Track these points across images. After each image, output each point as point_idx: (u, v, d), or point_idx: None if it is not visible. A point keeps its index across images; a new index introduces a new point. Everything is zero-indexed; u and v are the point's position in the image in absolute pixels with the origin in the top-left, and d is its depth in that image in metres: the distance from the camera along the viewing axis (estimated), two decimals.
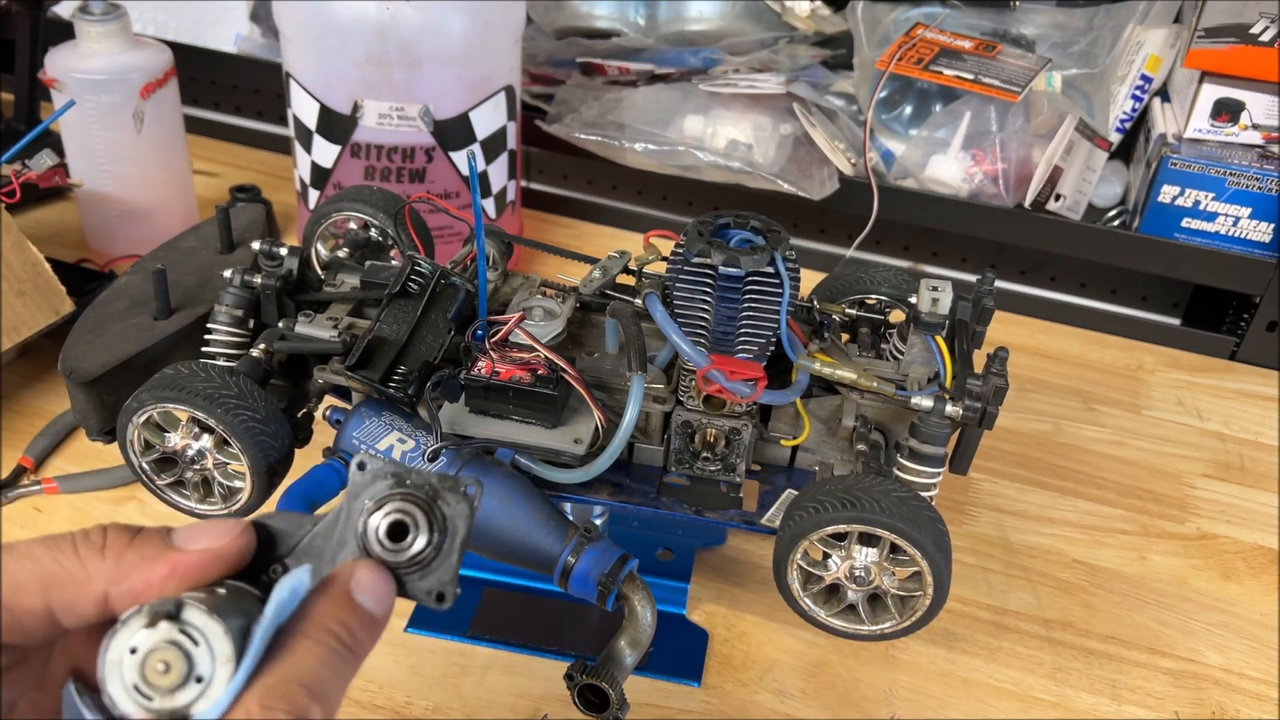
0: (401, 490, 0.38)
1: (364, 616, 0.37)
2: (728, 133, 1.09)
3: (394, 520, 0.38)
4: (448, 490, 0.39)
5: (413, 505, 0.38)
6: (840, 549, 0.60)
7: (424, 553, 0.38)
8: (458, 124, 0.96)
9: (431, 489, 0.39)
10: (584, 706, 0.61)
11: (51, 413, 0.89)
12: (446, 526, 0.39)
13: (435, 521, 0.38)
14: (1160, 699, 0.74)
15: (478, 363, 0.63)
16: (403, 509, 0.38)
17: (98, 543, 0.37)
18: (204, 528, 0.38)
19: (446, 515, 0.39)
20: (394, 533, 0.38)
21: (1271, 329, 1.06)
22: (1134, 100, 1.11)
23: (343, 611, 0.37)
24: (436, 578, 0.39)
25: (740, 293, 0.66)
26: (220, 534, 0.37)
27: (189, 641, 0.34)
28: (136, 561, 0.36)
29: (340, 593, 0.37)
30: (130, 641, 0.34)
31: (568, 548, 0.60)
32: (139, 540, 0.37)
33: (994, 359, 0.63)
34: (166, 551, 0.37)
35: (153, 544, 0.37)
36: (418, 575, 0.39)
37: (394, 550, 0.38)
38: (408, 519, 0.38)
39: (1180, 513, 0.90)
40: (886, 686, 0.74)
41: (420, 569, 0.39)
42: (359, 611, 0.37)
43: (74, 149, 1.04)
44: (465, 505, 0.39)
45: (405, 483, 0.39)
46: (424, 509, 0.38)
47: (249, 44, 1.27)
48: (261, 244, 0.71)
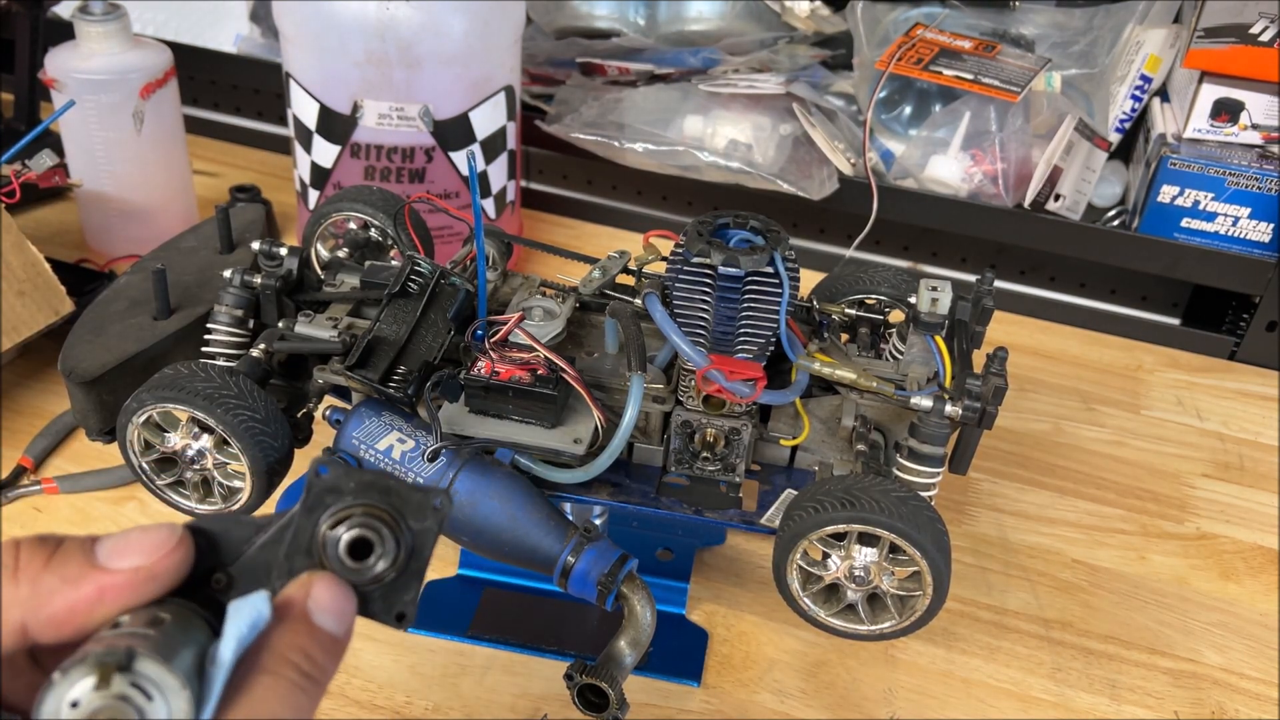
0: (365, 502, 0.35)
1: (325, 640, 0.34)
2: (727, 133, 1.09)
3: (356, 536, 0.35)
4: (415, 504, 0.36)
5: (378, 522, 0.35)
6: (840, 549, 0.61)
7: (386, 573, 0.35)
8: (457, 124, 0.96)
9: (399, 499, 0.36)
10: (584, 706, 0.61)
11: (51, 413, 0.89)
12: (413, 544, 0.36)
13: (401, 539, 0.35)
14: (1160, 699, 0.74)
15: (477, 363, 0.63)
16: (366, 523, 0.35)
17: (10, 564, 0.32)
18: (133, 540, 0.33)
19: (414, 531, 0.36)
20: (356, 550, 0.35)
21: (1271, 329, 1.06)
22: (1133, 100, 1.11)
23: (302, 638, 0.33)
24: (399, 597, 0.36)
25: (740, 293, 0.66)
26: (152, 547, 0.33)
27: (141, 696, 0.30)
28: (57, 585, 0.32)
29: (298, 615, 0.34)
30: (70, 695, 0.29)
31: (567, 548, 0.60)
32: (58, 559, 0.32)
33: (993, 359, 0.63)
34: (91, 572, 0.32)
35: (74, 563, 0.32)
36: (380, 595, 0.36)
37: (355, 569, 0.35)
38: (372, 535, 0.35)
39: (1180, 513, 0.90)
40: (886, 686, 0.74)
41: (381, 588, 0.36)
42: (319, 635, 0.34)
43: (74, 149, 1.04)
44: (433, 522, 0.36)
45: (370, 493, 0.35)
46: (389, 525, 0.35)
47: (249, 44, 1.27)
48: (261, 244, 0.71)
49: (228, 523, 0.36)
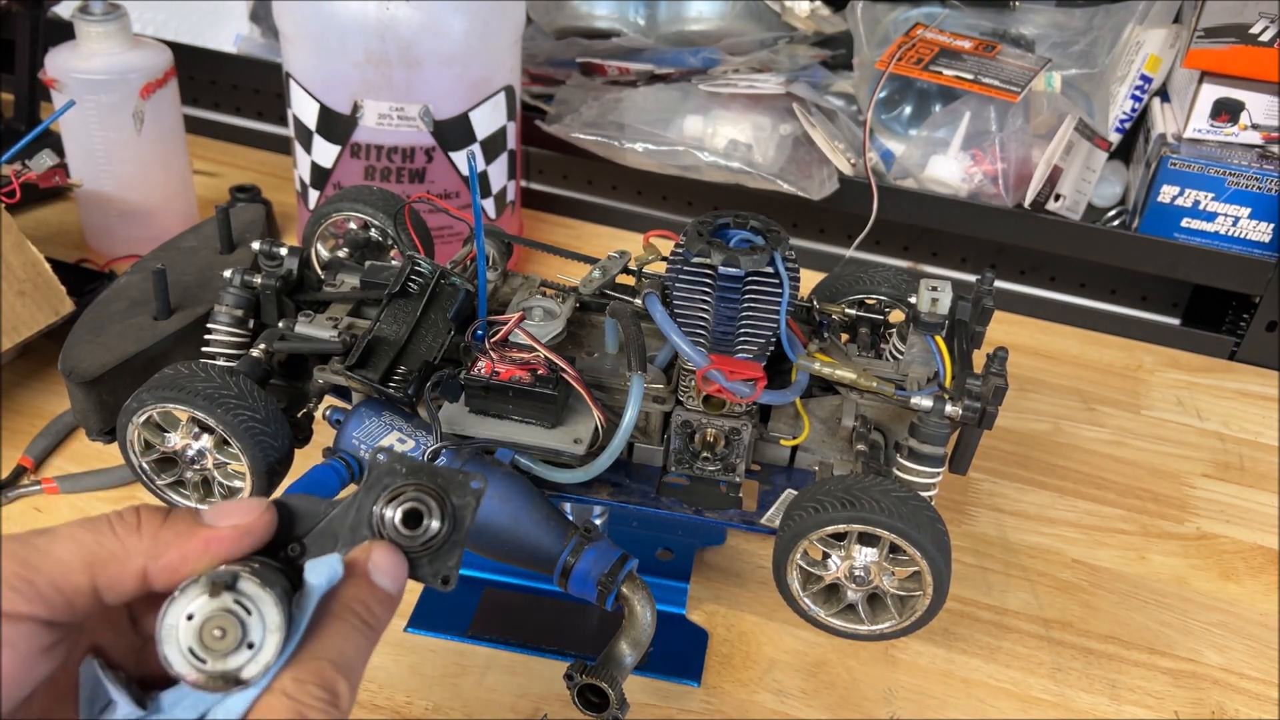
0: (416, 481, 0.42)
1: (381, 595, 0.40)
2: (728, 133, 1.09)
3: (409, 508, 0.41)
4: (457, 484, 0.42)
5: (427, 495, 0.41)
6: (840, 549, 0.61)
7: (435, 539, 0.42)
8: (458, 124, 0.96)
9: (444, 480, 0.42)
10: (584, 706, 0.61)
11: (51, 413, 0.89)
12: (456, 517, 0.42)
13: (446, 511, 0.42)
14: (1160, 699, 0.74)
15: (477, 363, 0.63)
16: (418, 498, 0.41)
17: (133, 522, 0.39)
18: (232, 506, 0.40)
19: (456, 506, 0.42)
20: (409, 519, 0.41)
21: (1271, 329, 1.06)
22: (1134, 100, 1.11)
23: (363, 592, 0.40)
24: (444, 562, 0.42)
25: (740, 293, 0.66)
26: (247, 511, 0.40)
27: (243, 610, 0.37)
28: (172, 539, 0.39)
29: (360, 574, 0.40)
30: (189, 608, 0.36)
31: (568, 548, 0.60)
32: (172, 519, 0.39)
33: (993, 359, 0.63)
34: (199, 528, 0.39)
35: (185, 522, 0.39)
36: (427, 560, 0.42)
37: (408, 536, 0.41)
38: (422, 507, 0.41)
39: (1180, 513, 0.90)
40: (886, 686, 0.74)
41: (430, 554, 0.42)
42: (377, 591, 0.40)
43: (74, 149, 1.04)
44: (472, 499, 0.42)
45: (420, 474, 0.42)
46: (436, 499, 0.42)
47: (249, 44, 1.28)
48: (261, 244, 0.71)
49: (305, 501, 0.42)
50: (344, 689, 0.38)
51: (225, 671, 0.36)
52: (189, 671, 0.36)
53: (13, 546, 0.37)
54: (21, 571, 0.36)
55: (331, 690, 0.37)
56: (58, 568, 0.37)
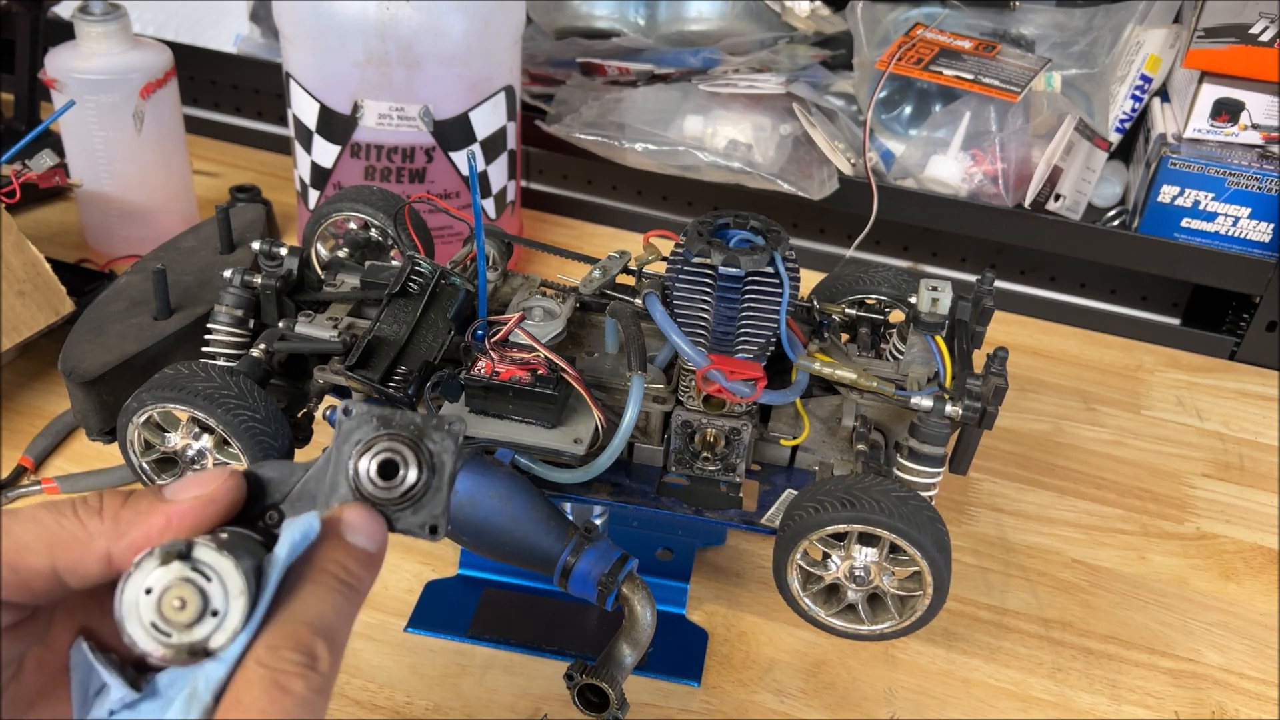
0: (389, 431, 0.40)
1: (360, 555, 0.39)
2: (728, 133, 1.09)
3: (384, 459, 0.40)
4: (433, 429, 0.40)
5: (400, 444, 0.40)
6: (840, 549, 0.61)
7: (415, 488, 0.40)
8: (458, 124, 0.96)
9: (417, 428, 0.40)
10: (584, 706, 0.61)
11: (51, 413, 0.89)
12: (434, 462, 0.40)
13: (423, 458, 0.40)
14: (1160, 699, 0.74)
15: (478, 363, 0.63)
16: (391, 448, 0.40)
17: (95, 505, 0.38)
18: (194, 478, 0.39)
19: (434, 451, 0.40)
20: (384, 471, 0.40)
21: (1271, 329, 1.06)
22: (1134, 100, 1.11)
23: (338, 552, 0.39)
24: (428, 511, 0.40)
25: (740, 293, 0.66)
26: (209, 480, 0.39)
27: (202, 578, 0.35)
28: (133, 518, 0.38)
29: (333, 534, 0.39)
30: (145, 582, 0.35)
31: (568, 548, 0.60)
32: (133, 499, 0.39)
33: (993, 359, 0.63)
34: (160, 504, 0.39)
35: (146, 500, 0.39)
36: (410, 511, 0.40)
37: (386, 488, 0.40)
38: (397, 457, 0.40)
39: (1180, 513, 0.90)
40: (886, 686, 0.74)
41: (412, 504, 0.40)
42: (354, 550, 0.39)
43: (74, 149, 1.04)
44: (450, 440, 0.40)
45: (391, 423, 0.40)
46: (411, 447, 0.40)
47: (249, 44, 1.27)
48: (261, 244, 0.71)
49: (277, 467, 0.41)
50: (323, 651, 0.37)
51: (191, 644, 0.35)
52: (154, 647, 0.35)
53: None
54: None
55: (309, 653, 0.36)
56: (15, 548, 0.37)
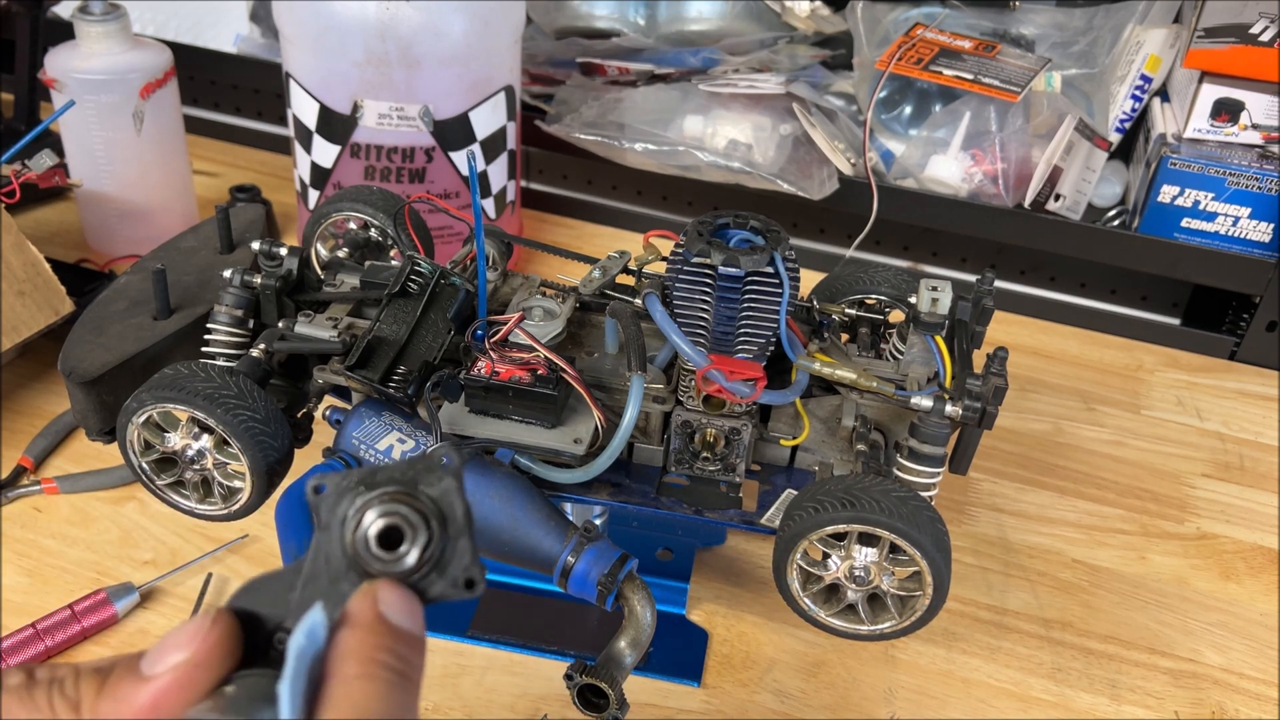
0: (376, 493, 0.34)
1: (406, 637, 0.33)
2: (727, 133, 1.09)
3: (381, 529, 0.34)
4: (424, 472, 0.34)
5: (395, 504, 0.34)
6: (840, 549, 0.60)
7: (430, 549, 0.34)
8: (458, 124, 0.96)
9: (406, 477, 0.34)
10: (584, 706, 0.61)
11: (51, 413, 0.89)
12: (441, 510, 0.34)
13: (426, 509, 0.34)
14: (1160, 699, 0.74)
15: (477, 363, 0.63)
16: (386, 513, 0.34)
17: (71, 697, 0.33)
18: (170, 640, 0.34)
19: (435, 498, 0.34)
20: (388, 541, 0.34)
21: (1271, 329, 1.06)
22: (1134, 100, 1.11)
23: (386, 639, 0.33)
24: (458, 565, 0.34)
25: (740, 293, 0.66)
26: (189, 638, 0.33)
27: None
28: (112, 708, 0.33)
29: (371, 620, 0.33)
30: None
31: (568, 548, 0.60)
32: (109, 684, 0.33)
33: (993, 359, 0.63)
34: (140, 684, 0.33)
35: (126, 681, 0.33)
36: (435, 575, 0.34)
37: (395, 559, 0.34)
38: (396, 520, 0.34)
39: (1180, 513, 0.90)
40: (886, 686, 0.74)
41: (433, 566, 0.34)
42: (399, 633, 0.33)
43: (74, 149, 1.04)
44: (450, 478, 0.34)
45: (376, 483, 0.34)
46: (407, 502, 0.34)
47: (249, 44, 1.27)
48: (261, 244, 0.71)
49: (263, 586, 0.35)
50: None
51: None
52: None
53: None
54: None
55: None
56: None
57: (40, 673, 0.34)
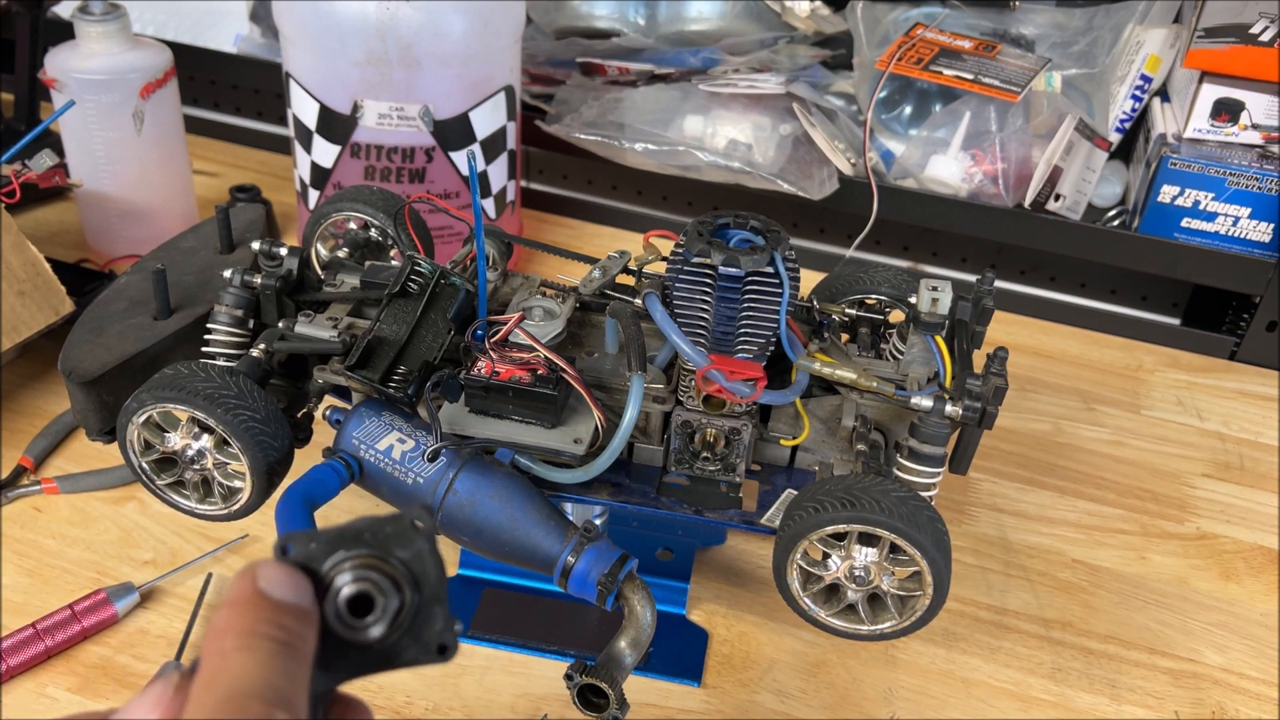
0: (344, 557, 0.32)
1: (291, 609, 0.32)
2: (728, 133, 1.09)
3: (349, 596, 0.32)
4: (394, 535, 0.33)
5: (363, 569, 0.33)
6: (840, 549, 0.61)
7: (403, 614, 0.33)
8: (458, 124, 0.96)
9: (376, 539, 0.33)
10: (584, 706, 0.61)
11: (51, 413, 0.89)
12: (413, 574, 0.33)
13: (398, 574, 0.33)
14: (1160, 699, 0.74)
15: (477, 363, 0.63)
16: (355, 579, 0.32)
17: None
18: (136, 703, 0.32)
19: (406, 560, 0.33)
20: (358, 609, 0.33)
21: (1271, 329, 1.06)
22: (1134, 100, 1.11)
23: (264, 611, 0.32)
24: (431, 630, 0.33)
25: (740, 293, 0.66)
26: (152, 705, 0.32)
27: None
28: None
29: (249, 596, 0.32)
30: None
31: (568, 548, 0.60)
32: None
33: (994, 359, 0.63)
34: None
35: None
36: (408, 639, 0.33)
37: (364, 627, 0.32)
38: (364, 586, 0.32)
39: (1180, 513, 0.90)
40: (886, 686, 0.74)
41: (405, 633, 0.33)
42: (282, 606, 0.32)
43: (74, 149, 1.04)
44: (423, 540, 0.33)
45: (342, 544, 0.32)
46: (377, 567, 0.33)
47: (249, 44, 1.27)
48: (261, 244, 0.71)
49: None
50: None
51: None
52: None
53: None
54: None
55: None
56: None
57: None
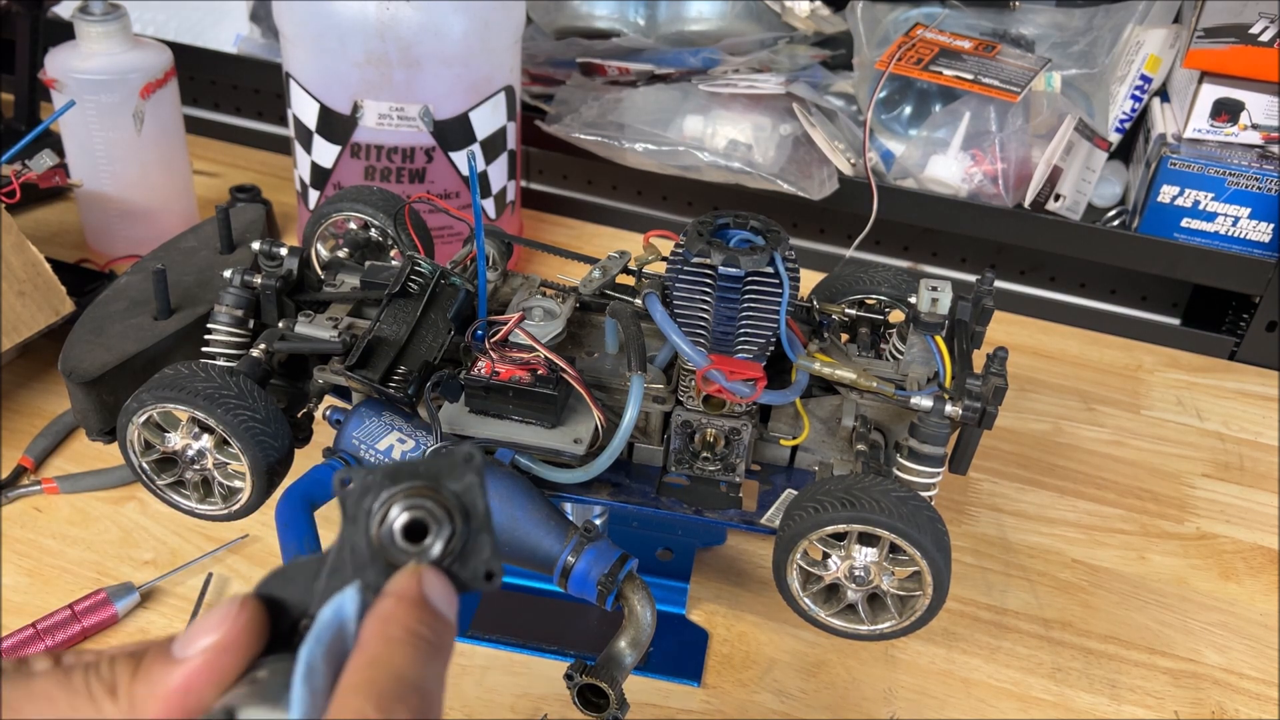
0: (401, 487, 0.35)
1: (443, 619, 0.35)
2: (727, 133, 1.09)
3: (407, 522, 0.34)
4: (448, 467, 0.35)
5: (420, 498, 0.35)
6: (840, 549, 0.61)
7: (453, 541, 0.35)
8: (458, 124, 0.96)
9: (431, 472, 0.35)
10: (584, 706, 0.61)
11: (51, 413, 0.89)
12: (464, 505, 0.35)
13: (450, 504, 0.35)
14: (1160, 699, 0.74)
15: (477, 363, 0.63)
16: (412, 506, 0.34)
17: (107, 680, 0.34)
18: (200, 625, 0.35)
19: (458, 492, 0.35)
20: (412, 534, 0.35)
21: (1271, 329, 1.06)
22: (1133, 100, 1.11)
23: (424, 614, 0.34)
24: (478, 558, 0.35)
25: (740, 293, 0.66)
26: (218, 623, 0.34)
27: None
28: (148, 693, 0.34)
29: (415, 595, 0.34)
30: None
31: (568, 548, 0.60)
32: (145, 666, 0.35)
33: (993, 359, 0.63)
34: (172, 667, 0.34)
35: (158, 665, 0.34)
36: (457, 566, 0.35)
37: (420, 551, 0.35)
38: (421, 514, 0.35)
39: (1180, 513, 0.90)
40: (886, 686, 0.74)
41: (455, 559, 0.35)
42: (438, 614, 0.34)
43: (74, 149, 1.04)
44: (473, 474, 0.35)
45: (401, 477, 0.35)
46: (432, 496, 0.35)
47: (249, 44, 1.27)
48: (261, 244, 0.71)
49: (288, 575, 0.36)
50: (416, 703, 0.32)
51: None
52: None
53: None
54: None
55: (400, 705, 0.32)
56: None
57: (68, 658, 0.35)
